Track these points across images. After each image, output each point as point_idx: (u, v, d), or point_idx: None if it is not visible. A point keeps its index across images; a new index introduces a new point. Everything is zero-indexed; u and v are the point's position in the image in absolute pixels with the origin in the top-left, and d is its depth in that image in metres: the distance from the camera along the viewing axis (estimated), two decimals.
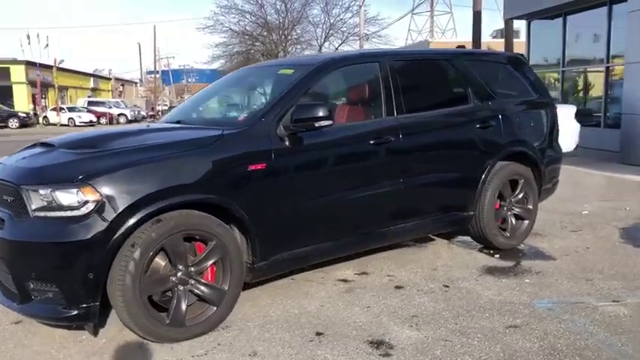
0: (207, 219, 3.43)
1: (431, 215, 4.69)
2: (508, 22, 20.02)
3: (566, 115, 10.71)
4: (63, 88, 47.94)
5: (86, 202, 3.09)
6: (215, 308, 3.50)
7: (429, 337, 3.35)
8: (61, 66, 45.00)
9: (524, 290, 4.10)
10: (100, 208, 3.09)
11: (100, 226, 3.08)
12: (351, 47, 38.32)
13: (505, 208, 5.14)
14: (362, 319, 3.65)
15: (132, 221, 3.14)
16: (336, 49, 38.55)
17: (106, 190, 3.12)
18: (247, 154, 3.61)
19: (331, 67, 4.29)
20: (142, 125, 5.24)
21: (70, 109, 39.96)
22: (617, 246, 5.20)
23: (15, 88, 41.77)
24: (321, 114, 3.71)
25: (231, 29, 38.77)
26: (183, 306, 3.38)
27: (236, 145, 3.63)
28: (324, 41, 40.02)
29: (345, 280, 4.41)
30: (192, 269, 3.43)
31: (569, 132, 10.59)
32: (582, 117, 9.18)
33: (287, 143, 3.77)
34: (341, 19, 39.05)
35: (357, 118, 4.42)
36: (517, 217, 5.25)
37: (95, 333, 3.35)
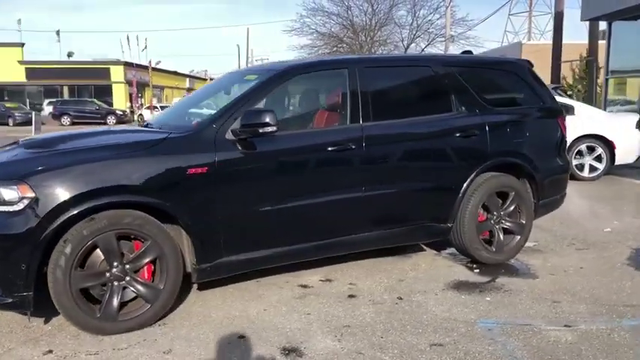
0: (142, 219, 3.57)
1: (400, 226, 4.58)
2: (593, 23, 18.96)
3: (627, 125, 10.09)
4: (159, 88, 50.69)
5: (22, 199, 3.33)
6: (149, 306, 3.64)
7: (345, 349, 3.31)
8: (157, 67, 47.58)
9: (477, 308, 3.94)
10: (34, 204, 3.32)
11: (33, 221, 3.31)
12: (438, 49, 37.71)
13: (492, 222, 4.93)
14: (294, 325, 3.66)
15: (63, 218, 3.35)
16: (422, 50, 38.14)
17: (41, 188, 3.34)
18: (188, 158, 3.72)
19: (292, 74, 4.31)
20: (105, 128, 5.51)
21: (163, 108, 42.11)
22: (615, 268, 4.83)
23: (114, 87, 44.78)
24: (264, 120, 3.76)
25: (317, 31, 39.38)
26: (115, 301, 3.55)
27: (177, 148, 3.76)
28: (411, 42, 39.63)
29: (305, 286, 4.42)
30: (128, 267, 3.59)
31: (630, 142, 9.96)
32: None
33: (239, 148, 3.85)
34: (429, 21, 38.51)
35: (319, 125, 4.41)
36: (507, 231, 5.02)
37: (46, 321, 3.57)
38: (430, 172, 4.63)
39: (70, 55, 45.72)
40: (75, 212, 3.38)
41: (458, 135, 4.68)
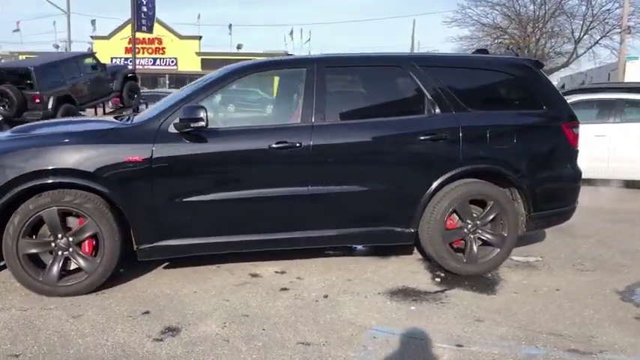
0: (82, 198, 4.06)
1: (351, 227, 4.56)
2: None
3: None
4: None
5: None
6: (87, 276, 4.13)
7: (219, 335, 3.50)
8: None
9: (389, 316, 3.84)
10: None
11: None
12: (614, 41, 34.21)
13: (465, 230, 4.68)
14: (200, 309, 3.91)
15: (11, 193, 3.96)
16: (596, 42, 35.12)
17: None
18: (127, 147, 4.13)
19: (245, 72, 4.52)
20: (77, 118, 6.04)
21: None
22: (596, 295, 4.31)
23: None
24: (195, 116, 4.04)
25: (479, 22, 38.07)
26: (55, 268, 4.09)
27: (120, 138, 4.20)
28: (584, 34, 36.52)
29: (254, 275, 4.63)
30: (71, 240, 4.11)
31: None
32: None
33: (181, 141, 4.18)
34: (607, 10, 35.09)
35: (271, 123, 4.55)
36: (485, 242, 4.73)
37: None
38: (386, 174, 4.52)
39: (239, 47, 49.19)
40: (22, 189, 3.96)
41: (423, 138, 4.52)
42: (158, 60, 47.01)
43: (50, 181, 4.01)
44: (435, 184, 4.54)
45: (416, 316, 3.85)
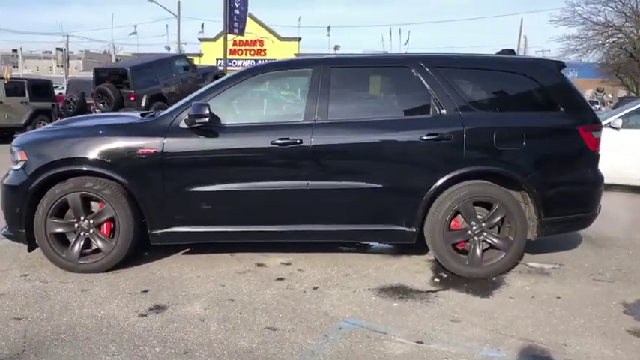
0: (101, 185, 4.50)
1: (353, 224, 4.67)
2: None
3: None
4: None
5: (19, 161, 4.56)
6: (104, 255, 4.57)
7: (196, 315, 3.79)
8: None
9: (368, 311, 3.93)
10: (25, 166, 4.52)
11: (23, 178, 4.52)
12: None
13: (470, 232, 4.65)
14: (194, 291, 4.22)
15: (40, 178, 4.48)
16: None
17: (30, 154, 4.53)
18: (142, 140, 4.52)
19: (255, 72, 4.77)
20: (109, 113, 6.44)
21: None
22: (599, 304, 4.14)
23: None
24: (198, 112, 4.37)
25: (589, 20, 35.94)
26: (77, 247, 4.57)
27: (136, 131, 4.61)
28: None
29: (260, 265, 4.88)
30: (92, 222, 4.58)
31: None
32: None
33: (191, 135, 4.51)
34: None
35: (273, 120, 4.73)
36: (492, 246, 4.68)
37: (29, 249, 4.74)
38: (386, 173, 4.58)
39: (336, 48, 49.75)
40: (49, 175, 4.47)
41: (425, 138, 4.53)
42: (259, 61, 48.79)
43: (73, 168, 4.48)
44: (436, 185, 4.55)
45: (394, 313, 3.91)
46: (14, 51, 58.23)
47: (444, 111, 4.61)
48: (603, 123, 5.93)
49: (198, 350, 3.30)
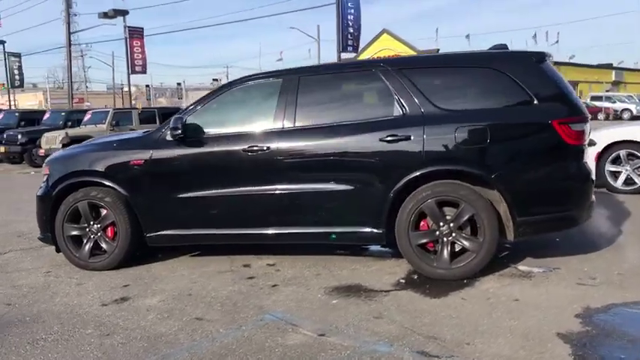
0: (103, 193, 5.17)
1: (322, 226, 4.80)
2: None
3: None
4: (572, 83, 48.47)
5: (45, 175, 5.41)
6: (106, 256, 5.22)
7: (152, 307, 4.21)
8: (571, 61, 45.67)
9: (302, 307, 4.07)
10: (48, 179, 5.36)
11: (46, 189, 5.35)
12: None
13: (437, 233, 4.58)
14: (166, 287, 4.66)
15: (57, 189, 5.27)
16: None
17: (51, 169, 5.36)
18: (133, 153, 5.13)
19: (232, 86, 5.16)
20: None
21: None
22: (559, 307, 3.84)
23: None
24: (174, 125, 4.87)
25: None
26: (87, 247, 5.26)
27: (130, 145, 5.23)
28: None
29: (246, 265, 5.19)
30: (97, 226, 5.26)
31: None
32: None
33: (175, 147, 5.03)
34: None
35: (244, 129, 5.01)
36: (462, 247, 4.56)
37: (56, 250, 5.53)
38: (347, 176, 4.68)
39: None
40: (62, 186, 5.24)
41: (385, 139, 4.57)
42: None
43: (79, 179, 5.20)
44: (398, 186, 4.55)
45: (324, 309, 4.01)
46: (178, 84, 64.37)
47: (407, 111, 4.61)
48: None
49: (120, 333, 3.72)
